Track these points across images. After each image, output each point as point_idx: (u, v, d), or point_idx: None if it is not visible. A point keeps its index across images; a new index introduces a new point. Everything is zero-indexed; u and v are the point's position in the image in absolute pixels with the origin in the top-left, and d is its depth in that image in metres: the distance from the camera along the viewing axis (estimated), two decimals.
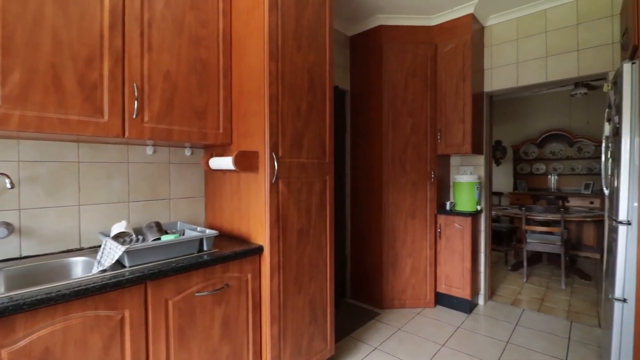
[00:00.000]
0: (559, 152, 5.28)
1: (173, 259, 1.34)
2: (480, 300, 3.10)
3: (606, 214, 2.42)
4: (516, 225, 4.64)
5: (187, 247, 1.40)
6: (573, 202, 4.77)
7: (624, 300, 1.77)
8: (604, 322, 2.24)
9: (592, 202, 4.68)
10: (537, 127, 5.41)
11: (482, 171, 3.08)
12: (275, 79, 1.60)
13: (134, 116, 1.38)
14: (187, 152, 1.92)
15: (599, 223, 4.24)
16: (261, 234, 1.61)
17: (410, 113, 2.94)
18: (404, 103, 2.93)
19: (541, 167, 5.37)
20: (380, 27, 2.91)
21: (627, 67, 1.74)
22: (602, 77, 2.56)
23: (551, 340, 2.42)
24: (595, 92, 4.73)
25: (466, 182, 2.92)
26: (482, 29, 2.98)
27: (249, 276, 1.57)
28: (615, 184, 1.88)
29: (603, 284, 2.50)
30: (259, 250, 1.58)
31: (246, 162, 1.57)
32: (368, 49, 3.03)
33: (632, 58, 1.82)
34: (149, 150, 1.75)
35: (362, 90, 3.09)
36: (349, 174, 3.24)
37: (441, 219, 2.98)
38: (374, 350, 2.30)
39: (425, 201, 2.98)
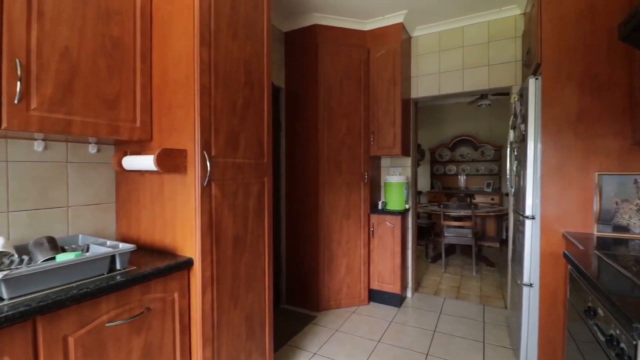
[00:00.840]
0: (466, 155, 6.00)
1: (74, 284, 1.06)
2: (409, 293, 3.29)
3: (511, 209, 2.77)
4: (434, 220, 5.10)
5: (94, 268, 1.13)
6: (478, 199, 5.47)
7: (530, 285, 2.04)
8: (510, 304, 2.57)
9: (493, 199, 5.43)
10: (449, 133, 6.06)
11: (409, 172, 3.28)
12: (208, 68, 1.41)
13: (16, 101, 1.06)
14: (92, 149, 1.58)
15: (498, 217, 4.92)
16: (190, 245, 1.41)
17: (345, 114, 2.96)
18: (339, 104, 2.94)
19: (453, 168, 6.04)
20: (316, 26, 2.87)
21: (532, 82, 2.00)
22: (506, 92, 2.94)
23: (470, 325, 2.68)
24: (497, 102, 5.51)
25: (396, 183, 3.07)
26: (409, 39, 3.17)
27: (176, 295, 1.35)
28: (521, 184, 2.16)
29: (509, 270, 2.87)
30: (188, 263, 1.37)
31: (171, 161, 1.34)
32: (304, 46, 2.96)
33: (535, 74, 2.09)
34: (38, 146, 1.39)
35: (298, 88, 3.01)
36: (284, 174, 3.13)
37: (374, 218, 3.08)
38: (313, 356, 2.24)
39: (359, 201, 3.04)
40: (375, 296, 3.12)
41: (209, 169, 1.41)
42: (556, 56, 1.90)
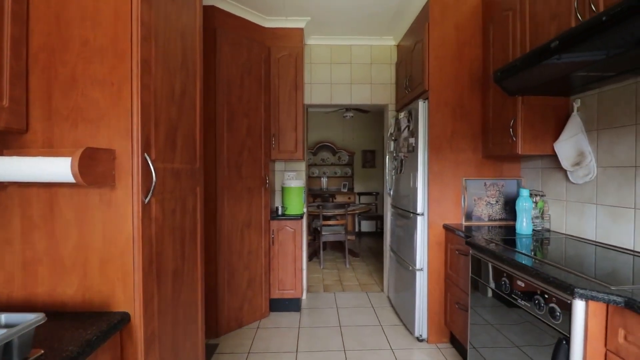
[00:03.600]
0: (327, 159, 6.66)
1: None
2: (304, 296, 3.34)
3: (388, 207, 3.26)
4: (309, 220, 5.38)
5: None
6: (338, 198, 6.17)
7: (421, 270, 2.47)
8: (394, 287, 3.03)
9: (350, 198, 6.24)
10: (313, 138, 6.55)
11: (303, 176, 3.33)
12: (149, 35, 0.98)
13: None
14: None
15: (354, 214, 5.69)
16: (124, 292, 0.94)
17: (246, 113, 2.71)
18: (240, 101, 2.66)
19: (316, 171, 6.56)
20: (214, 7, 2.49)
21: (421, 104, 2.43)
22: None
23: (364, 313, 2.99)
24: (355, 115, 6.38)
25: (295, 187, 3.06)
26: (306, 46, 3.22)
27: None
28: (412, 186, 2.58)
29: (386, 259, 3.37)
30: (123, 321, 0.91)
31: (99, 168, 0.86)
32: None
33: (420, 98, 2.54)
34: None
35: None
36: None
37: (274, 224, 2.95)
38: None
39: (260, 208, 2.85)
40: (275, 305, 3.00)
41: (154, 179, 0.98)
42: (438, 87, 2.38)
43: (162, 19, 1.06)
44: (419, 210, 2.45)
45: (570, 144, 1.82)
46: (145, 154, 0.96)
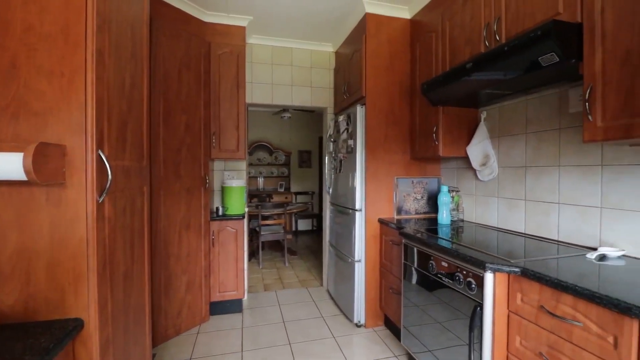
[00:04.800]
0: (263, 159, 6.61)
1: None
2: (245, 296, 3.32)
3: (327, 205, 3.44)
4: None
5: None
6: (275, 198, 6.19)
7: (359, 261, 2.68)
8: (334, 280, 3.21)
9: (287, 197, 6.31)
10: (250, 138, 6.43)
11: (244, 175, 3.31)
12: (105, 25, 0.93)
13: None
14: None
15: (295, 213, 5.79)
16: (76, 296, 0.88)
17: (184, 110, 2.59)
18: (178, 97, 2.54)
19: (252, 171, 6.47)
20: None
21: (360, 109, 2.64)
22: (320, 110, 3.60)
23: (305, 307, 3.10)
24: (294, 116, 6.45)
25: (236, 187, 3.02)
26: (248, 45, 3.19)
27: None
28: (350, 184, 2.78)
29: (325, 254, 3.53)
30: (77, 329, 0.85)
31: (49, 165, 0.79)
32: None
33: (358, 102, 2.75)
34: None
35: None
36: None
37: (214, 225, 2.88)
38: None
39: (200, 208, 2.75)
40: (216, 308, 2.93)
41: (110, 177, 0.93)
42: (373, 94, 2.62)
43: (115, 8, 1.01)
44: (357, 207, 2.66)
45: (479, 148, 2.20)
46: (99, 151, 0.92)
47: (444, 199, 2.34)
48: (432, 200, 2.73)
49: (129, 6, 1.14)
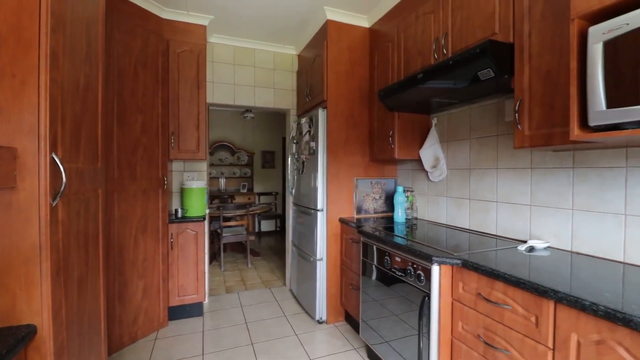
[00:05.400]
0: (225, 160, 6.47)
1: None
2: (206, 299, 3.26)
3: (291, 206, 3.49)
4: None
5: None
6: (238, 199, 6.10)
7: (321, 259, 2.76)
8: (296, 279, 3.26)
9: (250, 198, 6.24)
10: (211, 137, 6.27)
11: (204, 176, 3.25)
12: (59, 26, 0.91)
13: None
14: None
15: (258, 214, 5.75)
16: (29, 302, 0.85)
17: (140, 109, 2.50)
18: (134, 96, 2.44)
19: (213, 171, 6.31)
20: None
21: (321, 112, 2.72)
22: (283, 112, 3.64)
23: (268, 307, 3.12)
24: (257, 116, 6.37)
25: (197, 188, 2.97)
26: (209, 44, 3.14)
27: None
28: (312, 186, 2.85)
29: (289, 254, 3.58)
30: (29, 335, 0.83)
31: (1, 168, 0.76)
32: None
33: (320, 105, 2.83)
34: None
35: None
36: None
37: (173, 227, 2.80)
38: None
39: (157, 211, 2.67)
40: (175, 313, 2.85)
41: (64, 180, 0.91)
42: (335, 98, 2.72)
43: (70, 8, 0.98)
44: (319, 207, 2.74)
45: (430, 151, 2.38)
46: (53, 153, 0.89)
47: (400, 199, 2.49)
48: (389, 200, 2.89)
49: (85, 5, 1.11)
